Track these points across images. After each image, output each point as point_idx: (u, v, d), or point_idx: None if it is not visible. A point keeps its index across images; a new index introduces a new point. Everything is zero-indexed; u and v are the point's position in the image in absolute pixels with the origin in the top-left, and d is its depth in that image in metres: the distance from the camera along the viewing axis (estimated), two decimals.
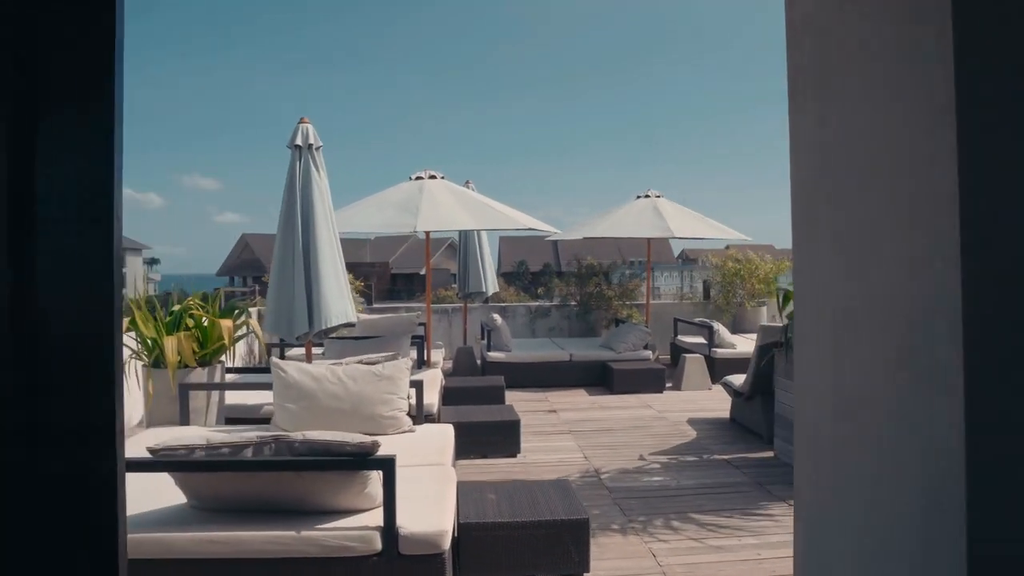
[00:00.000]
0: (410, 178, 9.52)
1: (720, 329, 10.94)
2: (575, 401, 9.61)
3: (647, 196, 11.89)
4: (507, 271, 60.17)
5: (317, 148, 6.59)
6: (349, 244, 65.45)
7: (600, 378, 10.65)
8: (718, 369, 10.78)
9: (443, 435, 5.58)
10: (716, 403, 9.40)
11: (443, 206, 8.74)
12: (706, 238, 11.47)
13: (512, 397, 9.64)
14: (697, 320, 11.49)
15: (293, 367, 5.66)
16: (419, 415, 5.99)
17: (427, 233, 9.60)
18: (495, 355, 10.55)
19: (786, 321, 6.69)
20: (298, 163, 6.49)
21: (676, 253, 73.90)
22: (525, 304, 13.67)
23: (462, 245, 11.80)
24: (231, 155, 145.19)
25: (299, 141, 6.48)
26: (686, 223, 11.18)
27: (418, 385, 6.01)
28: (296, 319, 6.35)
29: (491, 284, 11.84)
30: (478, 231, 11.57)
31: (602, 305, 12.71)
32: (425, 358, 9.59)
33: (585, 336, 12.80)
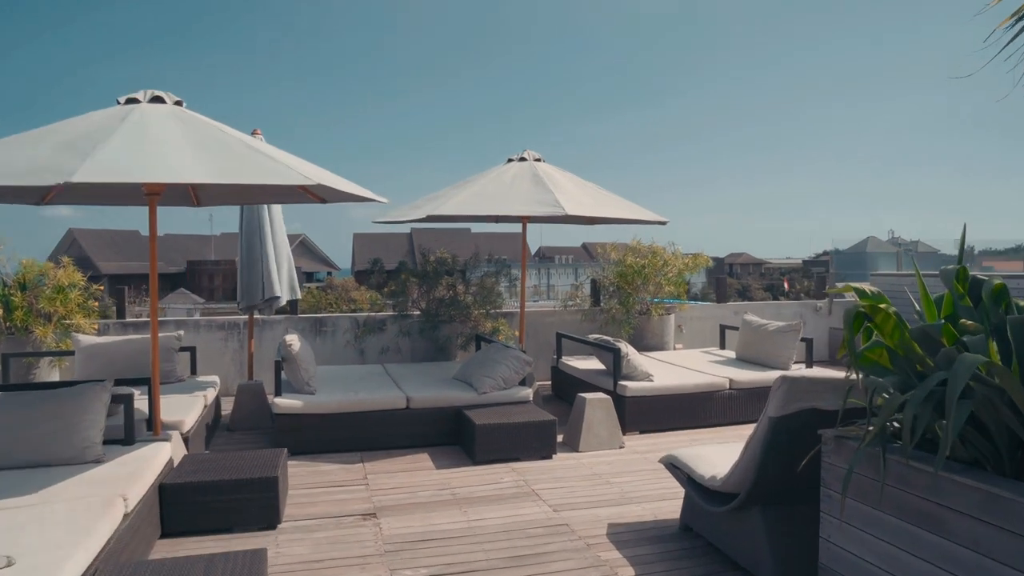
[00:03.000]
0: (118, 101, 5.16)
1: (630, 353, 7.16)
2: (412, 484, 5.54)
3: (523, 159, 7.96)
4: (362, 269, 55.50)
5: None
6: (190, 241, 58.46)
7: (454, 434, 6.62)
8: (630, 413, 7.00)
9: None
10: (641, 481, 5.57)
11: (155, 144, 4.45)
12: (611, 219, 7.66)
13: (305, 479, 5.46)
14: (593, 338, 7.68)
15: None
16: None
17: (153, 194, 5.26)
18: (287, 402, 6.32)
19: (861, 378, 2.92)
20: None
21: (534, 249, 71.08)
22: (350, 315, 9.47)
23: (242, 232, 7.46)
24: None
25: None
26: (582, 197, 7.31)
27: None
28: None
29: (285, 287, 7.55)
30: (257, 207, 7.29)
31: (457, 316, 8.67)
32: (152, 419, 5.28)
33: (434, 359, 8.74)
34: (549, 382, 9.11)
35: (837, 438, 3.04)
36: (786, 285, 52.15)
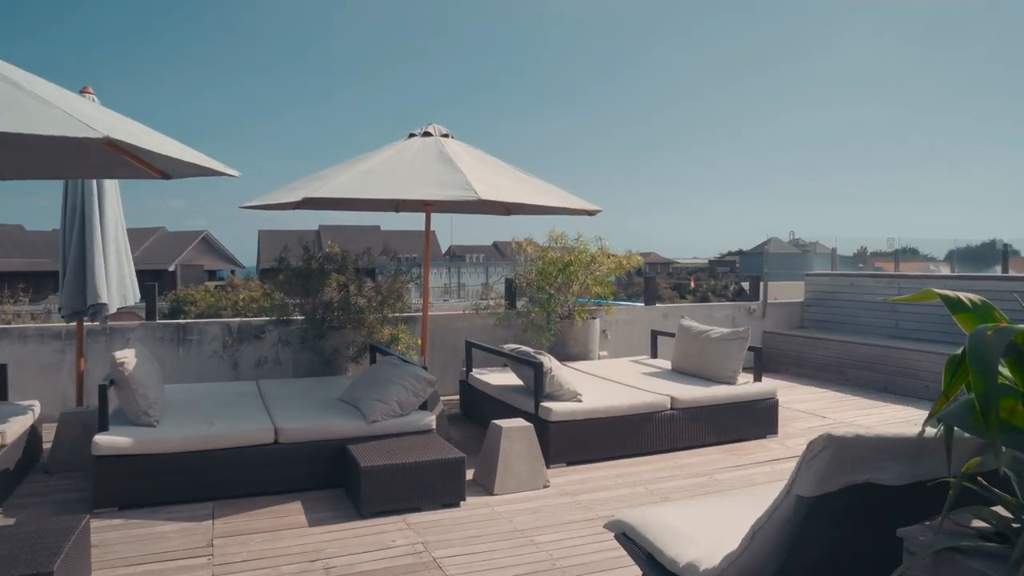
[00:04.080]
0: None
1: (554, 368, 5.85)
2: (273, 553, 4.05)
3: (427, 134, 6.53)
4: (267, 267, 52.75)
5: None
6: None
7: (337, 476, 5.16)
8: (555, 441, 5.69)
9: None
10: (575, 539, 4.23)
11: None
12: (532, 206, 6.33)
13: (125, 550, 3.86)
14: (510, 348, 6.34)
15: None
16: None
17: None
18: (112, 440, 4.72)
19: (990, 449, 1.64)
20: None
21: (445, 248, 69.28)
22: (221, 321, 7.85)
23: (64, 218, 5.76)
24: None
25: None
26: (498, 179, 5.94)
27: None
28: None
29: (115, 291, 5.89)
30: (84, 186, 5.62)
31: (348, 321, 7.18)
32: None
33: (320, 373, 7.18)
34: (457, 397, 7.72)
35: (944, 552, 1.77)
36: (692, 284, 52.28)
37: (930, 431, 2.16)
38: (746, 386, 6.53)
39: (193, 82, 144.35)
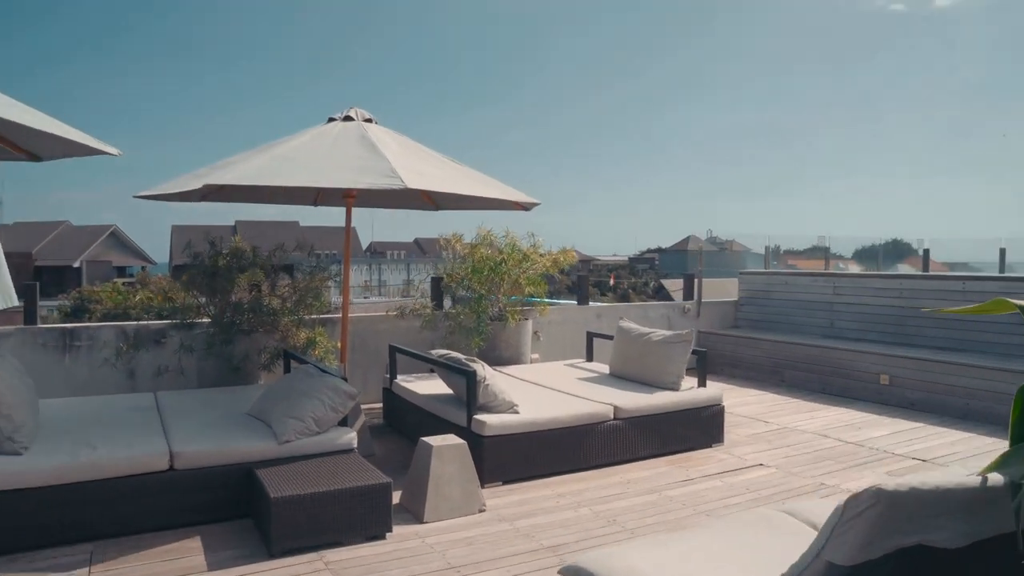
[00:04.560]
0: None
1: (488, 376, 5.28)
2: None
3: (348, 118, 5.86)
4: (180, 264, 50.37)
5: None
6: None
7: (244, 504, 4.47)
8: (490, 458, 5.13)
9: None
10: (517, 575, 3.69)
11: None
12: (464, 197, 5.73)
13: None
14: (439, 354, 5.75)
15: None
16: None
17: None
18: None
19: None
20: None
21: (365, 244, 67.78)
22: (116, 324, 7.00)
23: None
24: None
25: None
26: (425, 168, 5.33)
27: None
28: None
29: None
30: None
31: (260, 324, 6.45)
32: None
33: (228, 382, 6.40)
34: (380, 405, 7.08)
35: None
36: (612, 281, 52.58)
37: (994, 478, 1.70)
38: (691, 392, 6.11)
39: (129, 84, 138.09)
